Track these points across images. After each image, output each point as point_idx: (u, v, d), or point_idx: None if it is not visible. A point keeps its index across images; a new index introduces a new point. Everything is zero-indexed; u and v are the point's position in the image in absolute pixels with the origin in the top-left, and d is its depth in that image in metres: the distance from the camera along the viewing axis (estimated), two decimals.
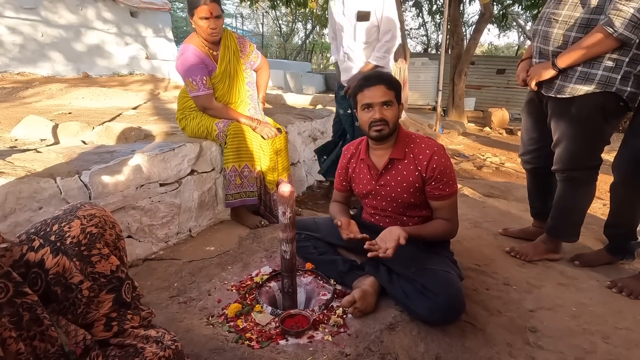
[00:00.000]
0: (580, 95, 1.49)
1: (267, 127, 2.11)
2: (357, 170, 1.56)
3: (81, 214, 0.87)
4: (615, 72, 1.43)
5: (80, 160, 1.56)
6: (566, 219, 1.75)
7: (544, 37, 1.56)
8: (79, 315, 0.81)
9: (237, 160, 2.02)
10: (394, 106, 1.41)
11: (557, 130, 1.62)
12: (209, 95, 2.00)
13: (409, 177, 1.42)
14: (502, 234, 2.12)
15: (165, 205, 1.78)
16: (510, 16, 10.81)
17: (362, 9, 2.26)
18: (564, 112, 1.57)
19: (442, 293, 1.22)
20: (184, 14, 18.23)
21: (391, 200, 1.47)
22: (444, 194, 1.40)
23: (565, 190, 1.70)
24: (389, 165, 1.45)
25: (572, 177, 1.65)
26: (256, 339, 1.18)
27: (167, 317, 1.29)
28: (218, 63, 2.04)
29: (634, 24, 1.31)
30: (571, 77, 1.49)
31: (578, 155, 1.60)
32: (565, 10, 1.47)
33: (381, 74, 1.46)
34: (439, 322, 1.25)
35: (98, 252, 0.86)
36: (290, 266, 1.33)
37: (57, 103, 4.04)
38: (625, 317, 1.39)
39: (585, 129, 1.54)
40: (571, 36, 1.46)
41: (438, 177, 1.38)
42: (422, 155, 1.40)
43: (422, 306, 1.23)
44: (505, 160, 5.09)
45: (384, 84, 1.39)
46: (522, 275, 1.69)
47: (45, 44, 6.49)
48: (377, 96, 1.38)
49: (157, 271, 1.60)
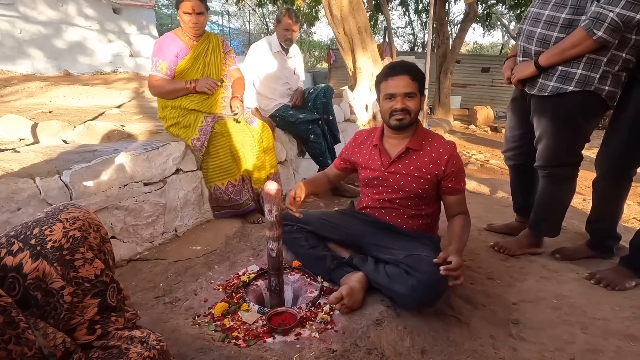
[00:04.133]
0: (561, 93, 1.52)
1: (201, 80, 2.03)
2: (366, 155, 1.57)
3: (64, 216, 0.85)
4: (593, 71, 1.46)
5: (60, 159, 1.53)
6: (548, 214, 1.79)
7: (528, 37, 1.58)
8: (61, 320, 0.79)
9: (220, 178, 2.06)
10: (416, 97, 1.42)
11: (539, 127, 1.65)
12: (157, 77, 1.99)
13: (422, 169, 1.45)
14: (487, 230, 2.17)
15: (149, 204, 1.76)
16: (495, 15, 10.99)
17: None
18: (546, 109, 1.60)
19: (426, 271, 1.24)
20: (168, 11, 17.93)
21: (398, 188, 1.49)
22: (459, 188, 1.48)
23: (546, 186, 1.73)
24: (404, 154, 1.47)
25: (553, 173, 1.69)
26: (243, 338, 1.18)
27: (153, 317, 1.28)
28: (193, 48, 2.04)
29: (612, 27, 1.33)
30: (552, 76, 1.53)
31: (559, 152, 1.63)
32: (548, 11, 1.49)
33: (407, 64, 1.44)
34: (418, 301, 1.26)
35: (81, 256, 0.84)
36: (277, 264, 1.32)
37: (37, 101, 3.94)
38: (603, 307, 1.43)
39: (565, 126, 1.58)
40: (553, 36, 1.49)
41: (457, 173, 1.45)
42: (443, 150, 1.45)
43: (404, 285, 1.25)
44: (490, 157, 5.18)
45: (408, 75, 1.40)
46: (505, 269, 1.72)
47: (24, 41, 6.31)
48: (400, 86, 1.39)
49: (142, 272, 1.58)
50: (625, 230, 2.11)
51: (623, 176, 1.63)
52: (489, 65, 10.42)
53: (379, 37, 12.50)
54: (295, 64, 2.85)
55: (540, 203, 1.79)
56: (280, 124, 2.74)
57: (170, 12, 17.79)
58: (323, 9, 4.38)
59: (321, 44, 20.97)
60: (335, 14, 4.17)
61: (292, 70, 2.83)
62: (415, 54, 11.88)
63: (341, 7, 4.10)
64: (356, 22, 4.23)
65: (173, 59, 1.99)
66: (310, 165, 3.20)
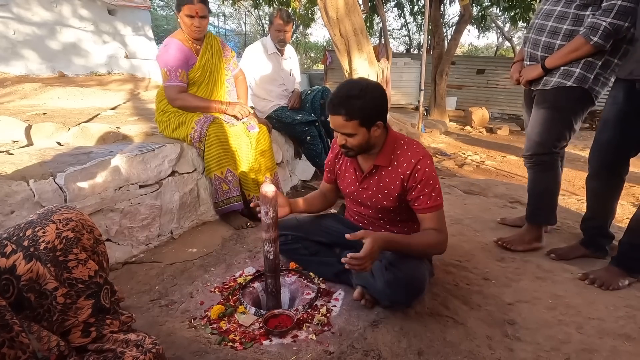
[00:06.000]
0: (562, 87, 1.74)
1: (238, 106, 2.10)
2: (343, 167, 1.54)
3: (57, 218, 0.84)
4: (589, 72, 1.70)
5: (54, 162, 1.52)
6: (541, 202, 1.92)
7: (534, 44, 1.81)
8: (55, 322, 0.79)
9: (218, 167, 2.02)
10: (358, 135, 1.28)
11: (536, 115, 1.83)
12: (178, 87, 2.00)
13: (390, 185, 1.38)
14: (500, 223, 2.28)
15: (145, 207, 1.75)
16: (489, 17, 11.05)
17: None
18: (546, 100, 1.80)
19: (405, 269, 1.24)
20: (164, 12, 17.86)
21: (371, 205, 1.46)
22: (425, 207, 1.32)
23: (535, 176, 1.91)
24: (374, 170, 1.41)
25: (540, 161, 1.86)
26: (239, 340, 1.18)
27: (148, 320, 1.27)
28: (199, 57, 2.05)
29: (605, 34, 1.57)
30: (555, 74, 1.76)
31: (548, 140, 1.81)
32: (551, 22, 1.74)
33: (343, 101, 1.24)
34: (392, 297, 1.25)
35: (75, 257, 0.84)
36: (274, 266, 1.32)
37: (31, 103, 3.90)
38: (598, 307, 1.44)
39: (560, 114, 1.78)
40: (557, 43, 1.73)
41: (419, 188, 1.32)
42: (406, 164, 1.34)
43: (382, 280, 1.24)
44: (486, 158, 5.21)
45: (341, 115, 1.24)
46: (501, 270, 1.73)
47: (17, 42, 6.25)
48: (336, 126, 1.29)
49: (138, 274, 1.57)
50: (619, 230, 2.13)
51: (612, 174, 1.69)
52: (484, 67, 10.48)
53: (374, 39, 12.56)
54: (291, 65, 2.86)
55: (532, 193, 1.94)
56: (277, 125, 2.73)
57: (165, 14, 17.72)
58: (319, 10, 4.38)
59: (317, 46, 21.00)
60: (331, 16, 4.19)
61: (288, 71, 2.83)
62: (411, 55, 11.92)
63: (337, 8, 4.11)
64: (352, 24, 4.24)
65: (187, 67, 1.99)
66: (306, 167, 3.20)
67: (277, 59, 2.73)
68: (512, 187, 3.23)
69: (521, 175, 4.32)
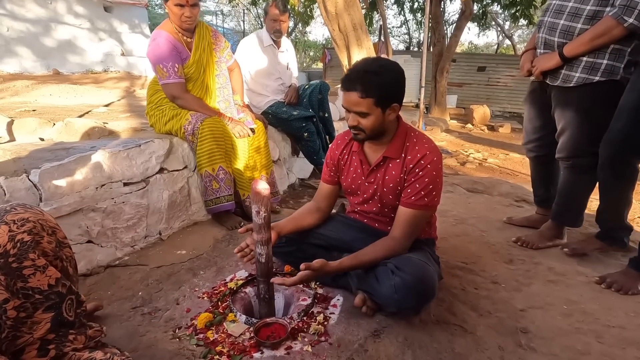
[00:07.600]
0: (587, 84, 1.54)
1: (239, 126, 1.99)
2: (347, 162, 1.42)
3: (10, 218, 0.73)
4: (618, 61, 1.50)
5: (30, 158, 1.41)
6: (571, 204, 1.79)
7: (550, 28, 1.60)
8: (4, 340, 0.68)
9: (210, 163, 1.89)
10: (371, 115, 1.20)
11: (562, 118, 1.66)
12: (179, 84, 1.88)
13: (396, 178, 1.29)
14: (507, 223, 2.14)
15: (130, 206, 1.64)
16: (490, 15, 10.95)
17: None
18: (570, 101, 1.61)
19: (412, 273, 1.14)
20: (161, 10, 17.74)
21: (377, 199, 1.36)
22: (406, 201, 1.24)
23: (569, 177, 1.74)
24: (382, 162, 1.32)
25: (576, 164, 1.69)
26: (227, 353, 1.07)
27: (128, 330, 1.16)
28: (192, 51, 1.93)
29: None
30: (577, 67, 1.54)
31: (582, 143, 1.64)
32: (572, 3, 1.52)
33: (362, 76, 1.18)
34: (401, 303, 1.14)
35: (32, 264, 0.73)
36: (267, 270, 1.21)
37: (21, 100, 3.79)
38: (617, 314, 1.34)
39: (590, 116, 1.59)
40: (577, 27, 1.50)
41: (412, 181, 1.24)
42: (411, 157, 1.26)
43: (388, 285, 1.14)
44: (488, 156, 5.10)
45: (357, 92, 1.17)
46: (510, 272, 1.62)
47: (11, 39, 6.15)
48: (349, 102, 1.22)
49: (121, 279, 1.46)
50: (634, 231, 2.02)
51: (625, 163, 1.57)
52: (484, 65, 10.38)
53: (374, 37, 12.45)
54: (288, 58, 2.74)
55: (563, 194, 1.80)
56: (273, 122, 2.62)
57: (163, 11, 17.61)
58: (318, 7, 4.27)
59: (316, 44, 20.89)
60: (329, 10, 4.07)
61: (285, 65, 2.72)
62: (411, 52, 11.82)
63: (336, 2, 4.00)
64: (351, 19, 4.13)
65: (181, 61, 1.88)
66: (304, 165, 3.09)
67: (273, 52, 2.62)
68: (517, 186, 3.13)
69: (525, 174, 4.20)
